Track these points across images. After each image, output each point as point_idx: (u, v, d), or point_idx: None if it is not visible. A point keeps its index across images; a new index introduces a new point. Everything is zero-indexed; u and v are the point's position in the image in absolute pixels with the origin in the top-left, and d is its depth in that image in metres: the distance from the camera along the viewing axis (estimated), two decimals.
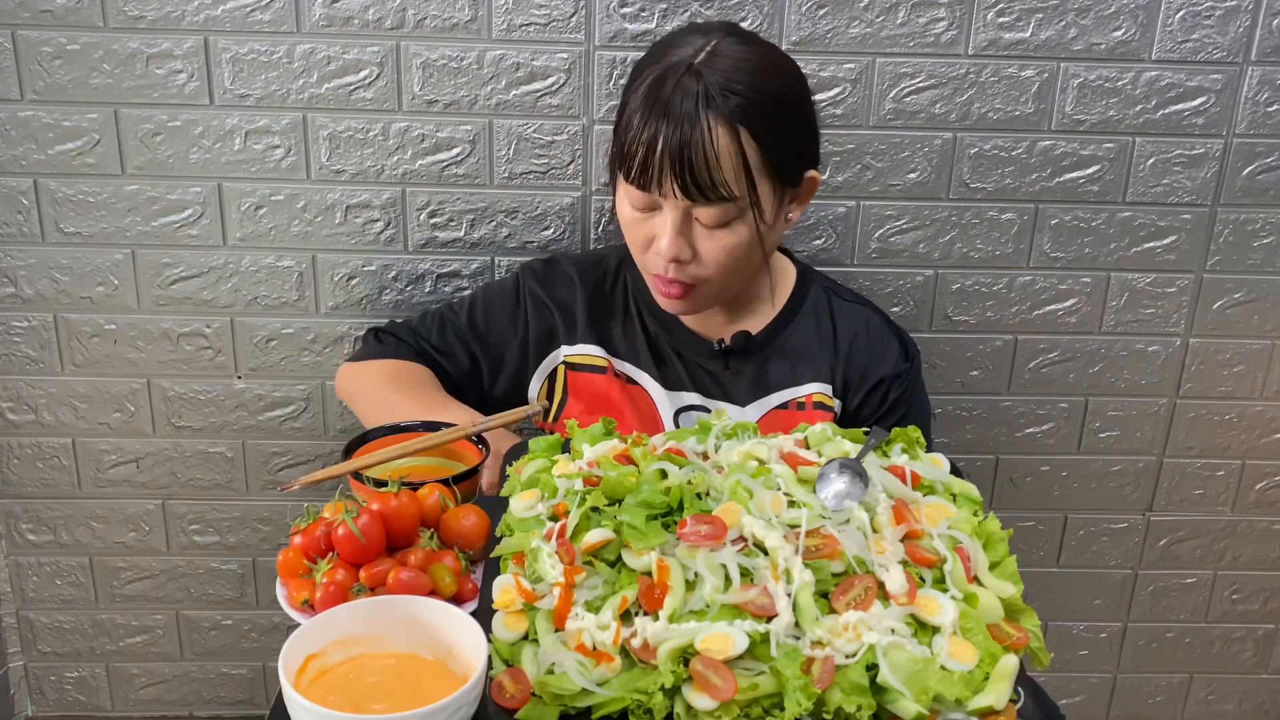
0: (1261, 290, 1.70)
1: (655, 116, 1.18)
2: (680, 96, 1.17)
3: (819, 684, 0.81)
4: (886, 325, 1.44)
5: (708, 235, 1.24)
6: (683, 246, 1.24)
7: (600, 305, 1.44)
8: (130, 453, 1.73)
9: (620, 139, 1.24)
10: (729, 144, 1.18)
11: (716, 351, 1.40)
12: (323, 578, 1.03)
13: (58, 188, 1.57)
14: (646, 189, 1.22)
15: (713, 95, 1.17)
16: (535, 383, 1.45)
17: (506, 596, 0.93)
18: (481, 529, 1.11)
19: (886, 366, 1.40)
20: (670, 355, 1.42)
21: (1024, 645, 0.88)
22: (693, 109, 1.17)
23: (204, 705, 1.90)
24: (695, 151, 1.17)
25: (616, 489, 0.98)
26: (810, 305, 1.42)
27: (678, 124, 1.17)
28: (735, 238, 1.24)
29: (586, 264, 1.46)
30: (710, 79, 1.18)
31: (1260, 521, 1.85)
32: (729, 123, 1.17)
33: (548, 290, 1.44)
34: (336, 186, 1.58)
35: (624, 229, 1.30)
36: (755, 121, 1.19)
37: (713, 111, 1.17)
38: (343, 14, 1.50)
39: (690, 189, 1.19)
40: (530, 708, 0.84)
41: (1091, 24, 1.54)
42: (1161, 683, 1.96)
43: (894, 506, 0.97)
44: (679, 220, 1.23)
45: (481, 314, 1.46)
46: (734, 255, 1.25)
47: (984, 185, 1.61)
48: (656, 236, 1.25)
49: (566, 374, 1.43)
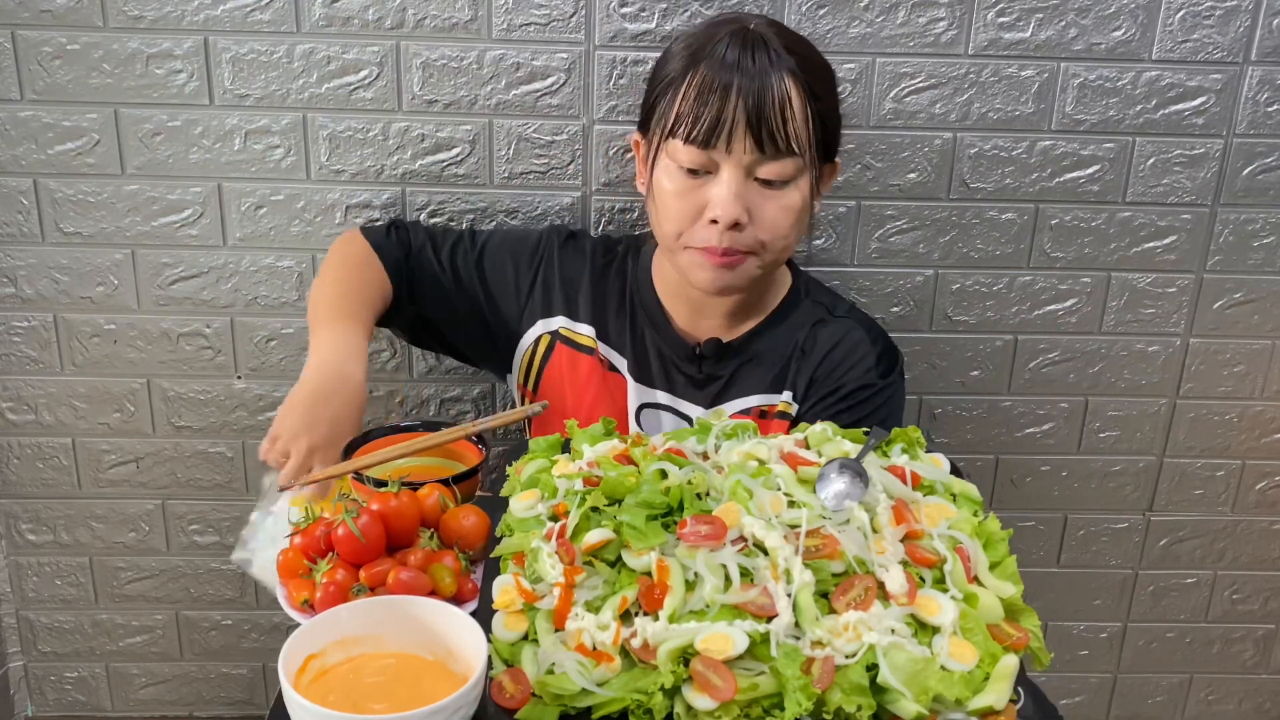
0: (1261, 290, 1.70)
1: (726, 71, 1.21)
2: (749, 51, 1.22)
3: (819, 684, 0.81)
4: (869, 341, 1.39)
5: (767, 197, 1.25)
6: (742, 210, 1.24)
7: (603, 288, 1.44)
8: (130, 453, 1.73)
9: (673, 99, 1.25)
10: (799, 96, 1.22)
11: (693, 354, 1.40)
12: (323, 578, 1.03)
13: (58, 188, 1.57)
14: (712, 145, 1.22)
15: (779, 51, 1.23)
16: (525, 340, 1.45)
17: (506, 596, 0.93)
18: (481, 529, 1.11)
19: (851, 378, 1.36)
20: (651, 351, 1.42)
21: (1024, 645, 0.88)
22: (765, 63, 1.21)
23: (204, 705, 1.90)
24: (771, 100, 1.20)
25: (616, 489, 0.98)
26: (797, 318, 1.41)
27: (752, 76, 1.20)
28: (792, 199, 1.26)
29: (602, 246, 1.48)
30: (774, 40, 1.24)
31: (1260, 521, 1.85)
32: (796, 77, 1.22)
33: (564, 260, 1.45)
34: (336, 186, 1.58)
35: (665, 204, 1.28)
36: (815, 82, 1.25)
37: (783, 66, 1.22)
38: (343, 14, 1.50)
39: (763, 140, 1.21)
40: (530, 708, 0.84)
41: (1091, 24, 1.54)
42: (1161, 683, 1.96)
43: (894, 506, 0.97)
44: (740, 179, 1.23)
45: (493, 256, 1.46)
46: (790, 219, 1.26)
47: (984, 185, 1.61)
48: (710, 203, 1.25)
49: (555, 344, 1.43)
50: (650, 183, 1.32)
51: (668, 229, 1.30)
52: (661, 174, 1.28)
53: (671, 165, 1.26)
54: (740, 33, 1.24)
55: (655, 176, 1.30)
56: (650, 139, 1.30)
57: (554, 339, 1.44)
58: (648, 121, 1.31)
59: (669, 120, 1.25)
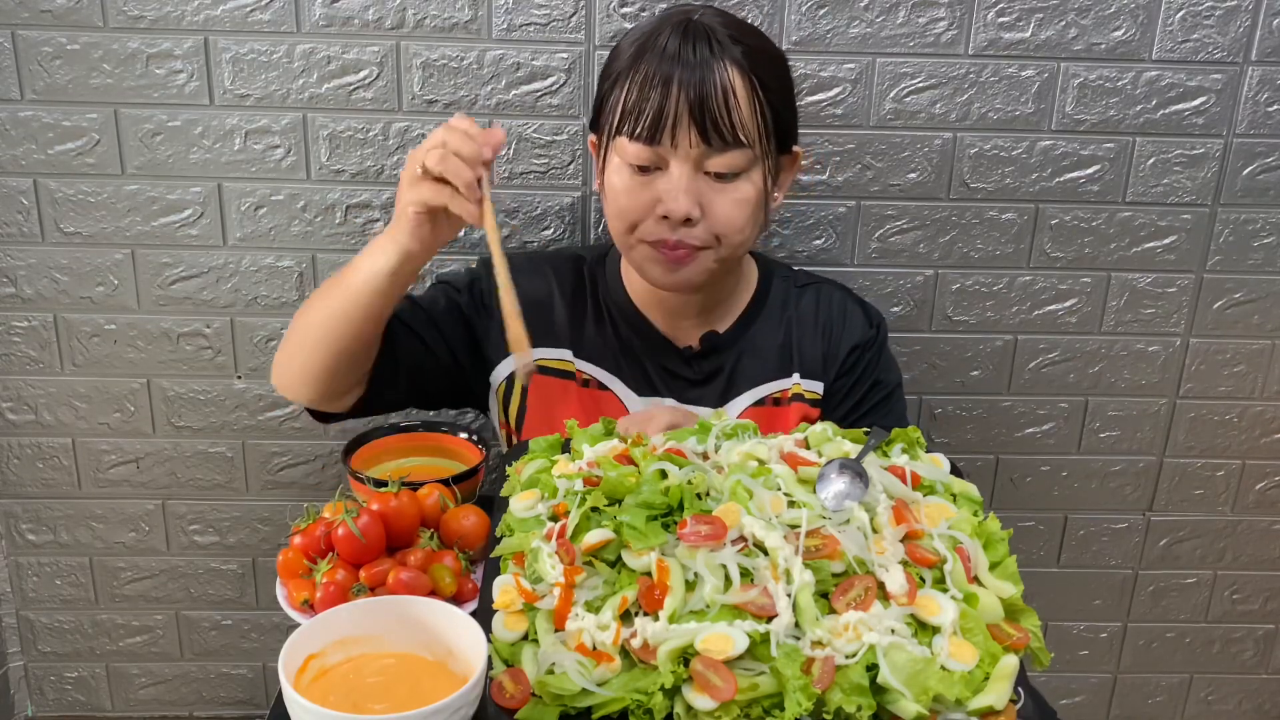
0: (1261, 290, 1.70)
1: (666, 64, 1.18)
2: (691, 43, 1.18)
3: (819, 684, 0.81)
4: (848, 297, 1.44)
5: (719, 190, 1.21)
6: (692, 204, 1.20)
7: (577, 302, 1.39)
8: (130, 453, 1.73)
9: (619, 96, 1.21)
10: (744, 86, 1.19)
11: (686, 355, 1.38)
12: (323, 578, 1.03)
13: (58, 188, 1.57)
14: (657, 140, 1.19)
15: (723, 41, 1.19)
16: (495, 380, 1.39)
17: (506, 596, 0.93)
18: (481, 529, 1.11)
19: (853, 335, 1.40)
20: (641, 359, 1.39)
21: (1024, 645, 0.89)
22: (707, 54, 1.18)
23: (204, 705, 1.90)
24: (714, 92, 1.17)
25: (616, 489, 0.98)
26: (776, 299, 1.42)
27: (693, 68, 1.17)
28: (744, 192, 1.22)
29: (565, 261, 1.42)
30: (718, 30, 1.20)
31: (1260, 521, 1.85)
32: (741, 67, 1.19)
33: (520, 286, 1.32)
34: (336, 186, 1.58)
35: (616, 201, 1.25)
36: (763, 71, 1.21)
37: (727, 56, 1.18)
38: (343, 14, 1.50)
39: (709, 133, 1.17)
40: (530, 708, 0.84)
41: (1091, 24, 1.54)
42: (1161, 683, 1.96)
43: (894, 506, 0.97)
44: (689, 174, 1.20)
45: (444, 312, 1.36)
46: (743, 212, 1.23)
47: (984, 185, 1.61)
48: (661, 198, 1.21)
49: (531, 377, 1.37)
50: (602, 184, 1.28)
51: (619, 226, 1.26)
52: (612, 172, 1.25)
53: (621, 164, 1.23)
54: (683, 24, 1.20)
55: (606, 175, 1.26)
56: (600, 138, 1.27)
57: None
58: (598, 120, 1.28)
59: (615, 117, 1.22)
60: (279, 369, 1.32)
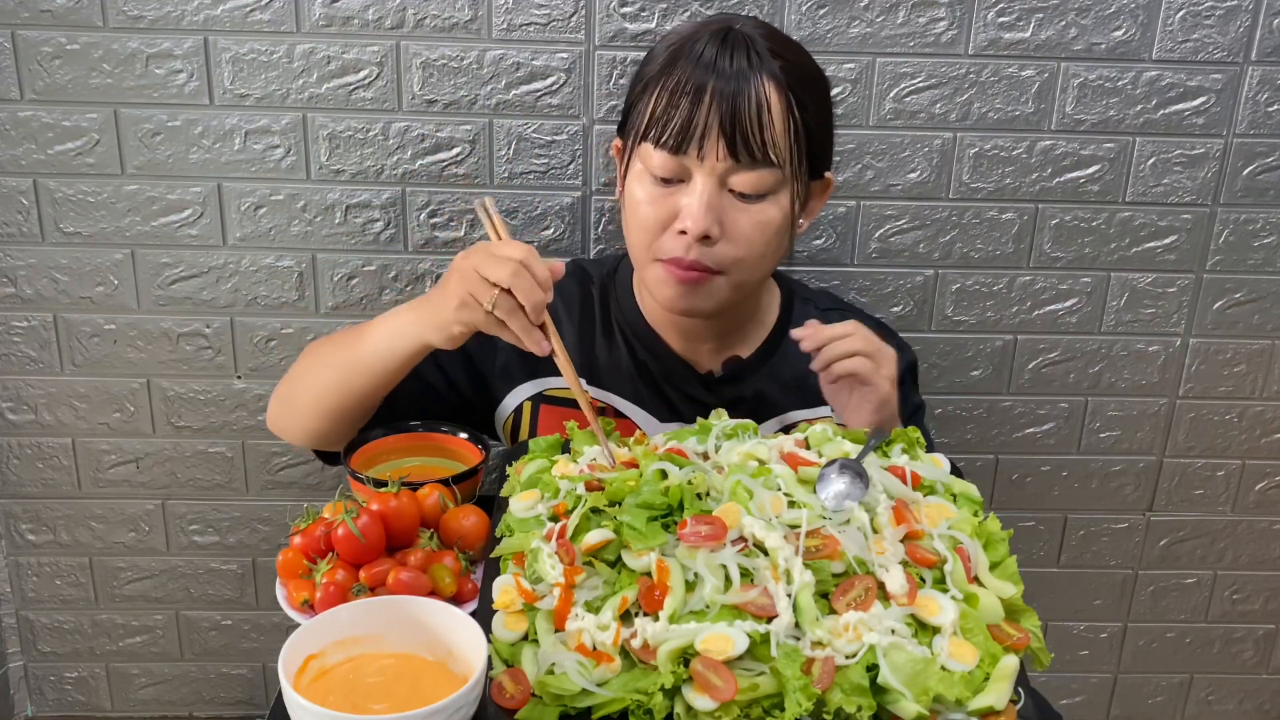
0: (1261, 290, 1.70)
1: (700, 71, 1.12)
2: (729, 52, 1.12)
3: (819, 684, 0.81)
4: (879, 329, 1.37)
5: (741, 209, 1.15)
6: (713, 221, 1.14)
7: (585, 328, 1.33)
8: (130, 453, 1.73)
9: (648, 102, 1.16)
10: (779, 102, 1.13)
11: (708, 381, 1.33)
12: (323, 578, 1.03)
13: (58, 188, 1.57)
14: (683, 150, 1.13)
15: (762, 54, 1.13)
16: (504, 411, 1.35)
17: (506, 597, 0.93)
18: (481, 529, 1.11)
19: None
20: (660, 384, 1.32)
21: (1024, 645, 0.89)
22: (744, 65, 1.12)
23: (204, 705, 1.90)
24: (747, 105, 1.11)
25: (617, 490, 0.98)
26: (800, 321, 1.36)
27: (728, 78, 1.11)
28: (769, 215, 1.16)
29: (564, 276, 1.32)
30: (758, 42, 1.14)
31: (1260, 521, 1.85)
32: (779, 82, 1.13)
33: None
34: (336, 186, 1.58)
35: (635, 212, 1.19)
36: (801, 90, 1.15)
37: (765, 69, 1.13)
38: (343, 14, 1.50)
39: (737, 148, 1.12)
40: (530, 708, 0.84)
41: (1091, 24, 1.54)
42: (1162, 683, 1.96)
43: (894, 507, 0.97)
44: (712, 189, 1.14)
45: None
46: (765, 235, 1.17)
47: (984, 185, 1.61)
48: (681, 212, 1.15)
49: (539, 407, 1.32)
50: (623, 191, 1.23)
51: (636, 240, 1.20)
52: (634, 180, 1.19)
53: (644, 172, 1.18)
54: (722, 32, 1.14)
55: (628, 183, 1.21)
56: (626, 143, 1.22)
57: (536, 402, 1.33)
58: (625, 124, 1.23)
59: (642, 123, 1.16)
60: (276, 415, 1.33)
